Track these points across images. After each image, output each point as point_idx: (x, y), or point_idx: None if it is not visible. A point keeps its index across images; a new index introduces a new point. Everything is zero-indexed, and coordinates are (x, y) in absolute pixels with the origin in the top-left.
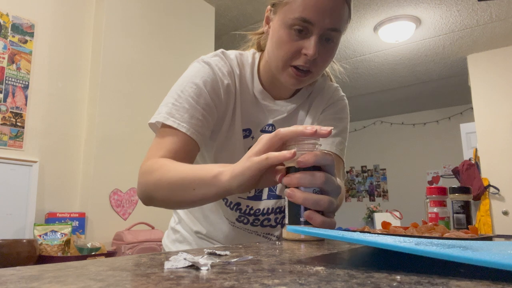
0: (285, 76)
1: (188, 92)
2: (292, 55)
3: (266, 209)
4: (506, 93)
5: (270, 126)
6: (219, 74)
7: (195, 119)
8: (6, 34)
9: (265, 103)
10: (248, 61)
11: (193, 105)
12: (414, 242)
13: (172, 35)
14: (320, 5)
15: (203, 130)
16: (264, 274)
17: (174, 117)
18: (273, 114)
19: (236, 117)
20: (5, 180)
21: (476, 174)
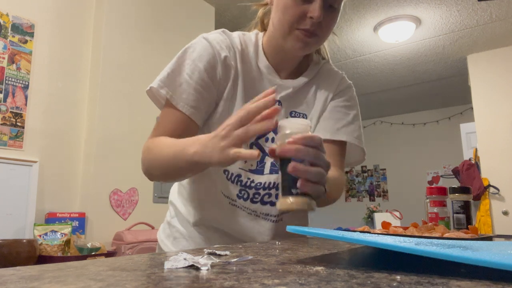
0: (292, 40)
1: (184, 68)
2: (298, 18)
3: (268, 183)
4: (506, 93)
5: (276, 102)
6: (216, 47)
7: (190, 96)
8: (6, 34)
9: (270, 77)
10: (251, 40)
11: (187, 80)
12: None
13: (172, 35)
14: None
15: (197, 104)
16: (264, 274)
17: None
18: (279, 90)
19: (238, 89)
20: (5, 180)
21: (476, 174)
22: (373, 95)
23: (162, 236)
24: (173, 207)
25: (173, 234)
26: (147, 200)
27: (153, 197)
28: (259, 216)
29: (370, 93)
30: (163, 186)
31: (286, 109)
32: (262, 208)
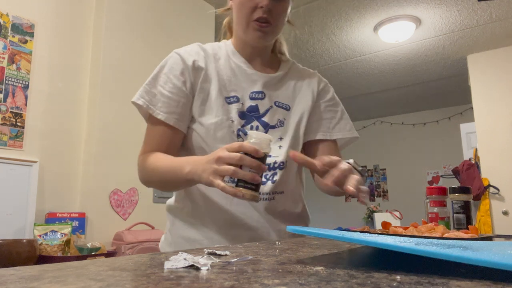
0: (251, 32)
1: (160, 82)
2: (251, 10)
3: None
4: (506, 93)
5: (260, 93)
6: (184, 56)
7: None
8: (6, 34)
9: (251, 71)
10: (221, 46)
11: (161, 91)
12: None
13: (172, 35)
14: None
15: (173, 110)
16: (264, 274)
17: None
18: (259, 82)
19: (211, 85)
20: (5, 180)
21: (476, 174)
22: (373, 95)
23: (165, 245)
24: (171, 214)
25: (174, 240)
26: (147, 200)
27: (153, 197)
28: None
29: (370, 93)
30: None
31: (270, 99)
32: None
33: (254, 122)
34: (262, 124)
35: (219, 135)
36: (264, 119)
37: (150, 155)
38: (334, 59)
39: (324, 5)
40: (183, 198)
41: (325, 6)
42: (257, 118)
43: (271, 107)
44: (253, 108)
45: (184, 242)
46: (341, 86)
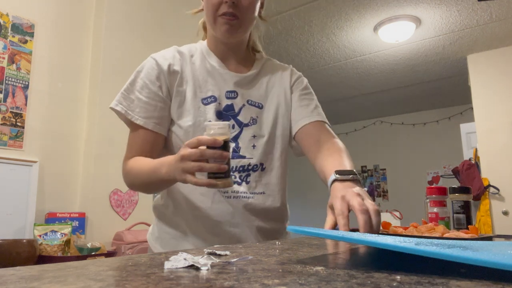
0: (219, 27)
1: (136, 87)
2: (217, 6)
3: (231, 167)
4: (506, 93)
5: (233, 93)
6: (159, 61)
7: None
8: (6, 34)
9: (223, 71)
10: (196, 47)
11: (139, 97)
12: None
13: (172, 35)
14: None
15: (151, 114)
16: (264, 274)
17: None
18: (231, 82)
19: (186, 86)
20: (5, 180)
21: (476, 174)
22: (373, 95)
23: (152, 238)
24: (156, 211)
25: (161, 235)
26: (147, 200)
27: (153, 197)
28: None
29: (370, 93)
30: None
31: (242, 98)
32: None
33: (231, 121)
34: (237, 123)
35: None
36: (239, 118)
37: (132, 160)
38: (334, 59)
39: (324, 5)
40: (166, 197)
41: (325, 6)
42: (233, 117)
43: (244, 106)
44: (229, 107)
45: (170, 238)
46: (341, 86)
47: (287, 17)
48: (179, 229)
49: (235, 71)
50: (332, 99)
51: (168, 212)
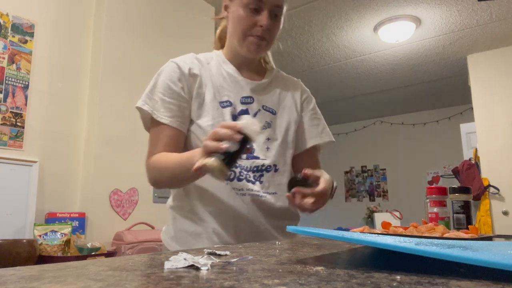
0: (247, 45)
1: (159, 89)
2: (250, 27)
3: (246, 166)
4: (506, 93)
5: (249, 98)
6: (180, 65)
7: (167, 110)
8: (6, 34)
9: (239, 78)
10: (212, 56)
11: (163, 98)
12: (414, 242)
13: (172, 35)
14: None
15: (174, 113)
16: (264, 274)
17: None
18: (247, 88)
19: (205, 90)
20: (5, 180)
21: (476, 174)
22: (373, 95)
23: (167, 238)
24: (172, 211)
25: (177, 234)
26: (147, 200)
27: (153, 197)
28: (245, 194)
29: (370, 93)
30: None
31: (258, 103)
32: (246, 185)
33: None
34: None
35: None
36: None
37: (157, 155)
38: (334, 59)
39: (324, 5)
40: (181, 197)
41: (325, 6)
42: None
43: (259, 110)
44: (244, 111)
45: (187, 236)
46: (341, 86)
47: (287, 17)
48: (196, 228)
49: (249, 78)
50: (332, 99)
51: (184, 211)
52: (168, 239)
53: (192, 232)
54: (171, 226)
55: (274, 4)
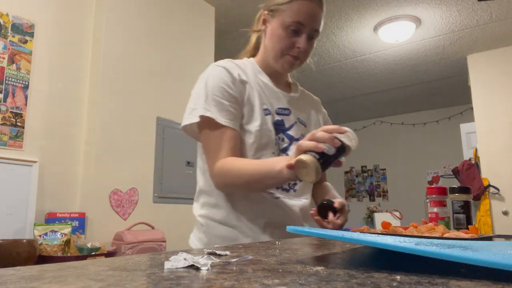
0: (282, 62)
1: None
2: (288, 48)
3: None
4: (506, 93)
5: (286, 110)
6: (229, 70)
7: (228, 113)
8: (6, 34)
9: (276, 89)
10: (246, 63)
11: (221, 102)
12: (414, 242)
13: (172, 35)
14: (311, 12)
15: (234, 117)
16: (264, 274)
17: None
18: (284, 99)
19: (254, 97)
20: (5, 180)
21: (476, 174)
22: (373, 95)
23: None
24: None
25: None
26: (147, 200)
27: (153, 197)
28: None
29: (370, 93)
30: (163, 186)
31: (294, 115)
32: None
33: (280, 134)
34: (287, 137)
35: (263, 142)
36: (290, 132)
37: (229, 161)
38: (334, 59)
39: None
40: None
41: None
42: (283, 131)
43: (296, 123)
44: (279, 122)
45: (222, 242)
46: (341, 86)
47: None
48: (231, 234)
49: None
50: (332, 99)
51: (217, 218)
52: (202, 246)
53: (227, 237)
54: (203, 234)
55: (313, 28)
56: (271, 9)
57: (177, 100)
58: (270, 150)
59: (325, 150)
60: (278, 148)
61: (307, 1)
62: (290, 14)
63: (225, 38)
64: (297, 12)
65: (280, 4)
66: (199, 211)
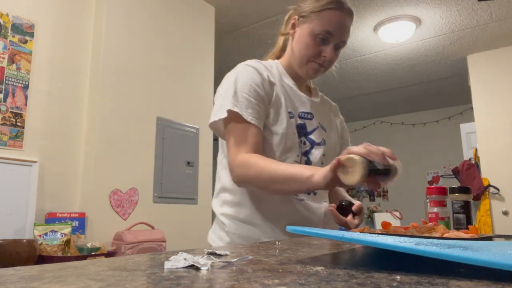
0: (307, 69)
1: (243, 90)
2: (314, 56)
3: None
4: (506, 93)
5: (309, 114)
6: (259, 70)
7: (254, 111)
8: (6, 34)
9: (300, 94)
10: (271, 65)
11: (249, 99)
12: (414, 242)
13: (172, 35)
14: (341, 23)
15: (260, 115)
16: (264, 274)
17: (242, 111)
18: (307, 104)
19: (281, 100)
20: (5, 180)
21: (476, 174)
22: (373, 95)
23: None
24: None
25: (231, 238)
26: (147, 200)
27: (153, 197)
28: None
29: (370, 93)
30: (163, 186)
31: (316, 120)
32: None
33: (303, 137)
34: (309, 141)
35: (288, 144)
36: (311, 136)
37: (254, 157)
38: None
39: None
40: (235, 203)
41: None
42: (305, 135)
43: (317, 127)
44: (301, 125)
45: (243, 241)
46: (341, 86)
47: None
48: (254, 233)
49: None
50: (332, 99)
51: (240, 217)
52: (223, 244)
53: (250, 237)
54: (225, 233)
55: (341, 39)
56: (302, 15)
57: (177, 100)
58: (295, 153)
59: (375, 161)
60: (300, 151)
61: (339, 12)
62: (321, 23)
63: (225, 38)
64: (328, 22)
65: (311, 11)
66: (221, 209)
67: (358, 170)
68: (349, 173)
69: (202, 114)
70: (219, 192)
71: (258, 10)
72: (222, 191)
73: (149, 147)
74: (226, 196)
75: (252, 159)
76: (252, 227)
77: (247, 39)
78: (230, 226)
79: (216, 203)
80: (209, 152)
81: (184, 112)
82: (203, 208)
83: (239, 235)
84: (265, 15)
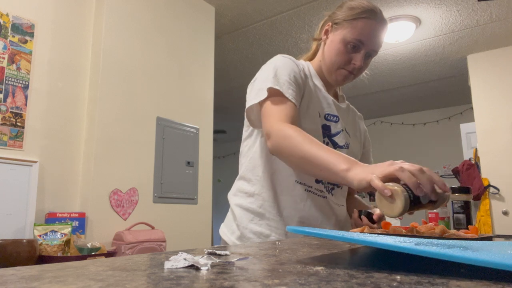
0: (336, 75)
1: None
2: (345, 63)
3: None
4: (506, 93)
5: (335, 117)
6: (296, 62)
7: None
8: (6, 34)
9: (328, 96)
10: (303, 64)
11: (289, 81)
12: (414, 242)
13: (172, 35)
14: (373, 33)
15: (298, 97)
16: (264, 274)
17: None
18: (333, 107)
19: (311, 96)
20: (5, 180)
21: (476, 174)
22: (373, 95)
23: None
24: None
25: (242, 232)
26: (147, 200)
27: (153, 197)
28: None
29: (370, 93)
30: (163, 186)
31: (342, 124)
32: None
33: (326, 138)
34: (332, 143)
35: None
36: (335, 139)
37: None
38: None
39: (324, 5)
40: (250, 196)
41: (325, 6)
42: (329, 137)
43: (342, 131)
44: (326, 127)
45: (255, 237)
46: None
47: (287, 17)
48: (266, 229)
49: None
50: None
51: (253, 211)
52: (235, 239)
53: (260, 233)
54: (235, 226)
55: (372, 48)
56: (336, 22)
57: (177, 100)
58: None
59: (421, 196)
60: None
61: (372, 21)
62: (353, 31)
63: (225, 38)
64: (360, 31)
65: (345, 19)
66: (234, 198)
67: (399, 206)
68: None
69: (202, 114)
70: (237, 180)
71: (258, 10)
72: (239, 179)
73: (149, 147)
74: (243, 184)
75: (289, 130)
76: (263, 222)
77: (247, 39)
78: (241, 219)
79: (231, 192)
80: (209, 152)
81: (184, 112)
82: (203, 208)
83: (251, 230)
84: (265, 15)
